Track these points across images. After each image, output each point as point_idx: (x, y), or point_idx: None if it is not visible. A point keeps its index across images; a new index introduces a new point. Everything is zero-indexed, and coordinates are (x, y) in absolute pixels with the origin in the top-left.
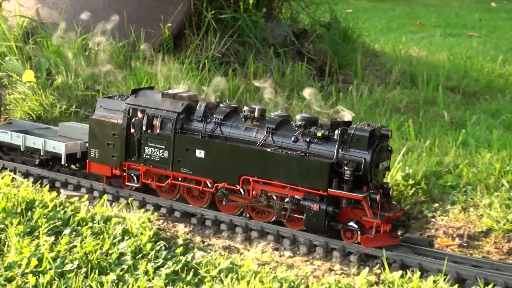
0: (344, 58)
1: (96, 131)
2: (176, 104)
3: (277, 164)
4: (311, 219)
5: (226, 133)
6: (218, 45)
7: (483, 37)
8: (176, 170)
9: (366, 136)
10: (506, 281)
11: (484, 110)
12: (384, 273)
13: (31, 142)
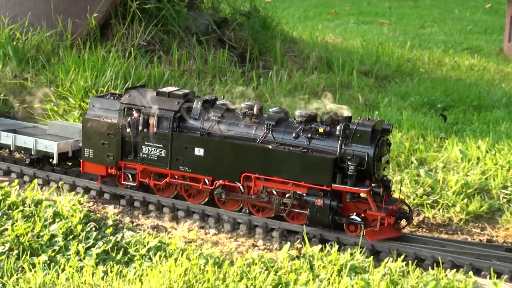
0: (264, 45)
1: (90, 131)
2: (172, 102)
3: (279, 161)
4: (315, 214)
5: (224, 131)
6: (143, 34)
7: (393, 24)
8: (175, 169)
9: (368, 131)
10: (416, 252)
11: (394, 93)
12: (304, 248)
13: (21, 141)
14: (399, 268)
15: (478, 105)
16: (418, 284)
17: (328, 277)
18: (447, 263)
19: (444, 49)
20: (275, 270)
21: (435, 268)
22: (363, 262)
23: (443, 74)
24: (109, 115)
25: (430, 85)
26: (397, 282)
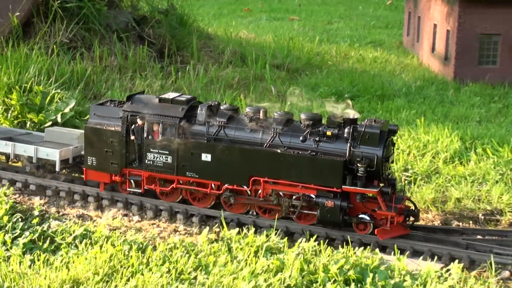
0: (181, 41)
1: (92, 139)
2: (176, 108)
3: (288, 164)
4: (325, 215)
5: (231, 136)
6: (66, 31)
7: (303, 20)
8: (181, 175)
9: (377, 133)
10: (327, 232)
11: (305, 84)
12: (223, 231)
13: (21, 150)
14: (311, 247)
15: (381, 94)
16: (329, 262)
17: (246, 258)
18: (356, 241)
19: (350, 43)
20: (195, 253)
21: (345, 246)
22: (278, 243)
23: (349, 66)
24: (111, 122)
25: (338, 76)
26: (310, 260)
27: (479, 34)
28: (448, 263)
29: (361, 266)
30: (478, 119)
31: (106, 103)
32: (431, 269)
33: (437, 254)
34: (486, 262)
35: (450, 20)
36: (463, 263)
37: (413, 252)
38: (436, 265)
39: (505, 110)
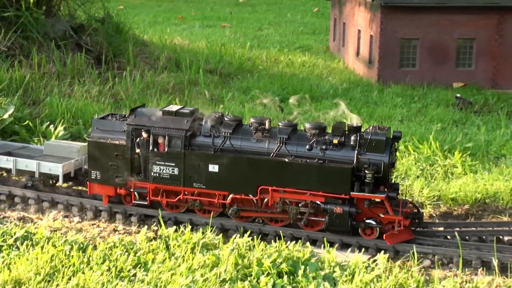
0: (118, 48)
1: (96, 153)
2: (181, 121)
3: (296, 172)
4: (334, 221)
5: (237, 146)
6: (4, 40)
7: (234, 27)
8: (188, 186)
9: (383, 140)
10: (260, 228)
11: (237, 88)
12: (160, 230)
13: (23, 165)
14: (245, 243)
15: (310, 96)
16: (263, 256)
17: (183, 255)
18: (288, 236)
19: (279, 48)
20: (134, 252)
21: (278, 241)
22: (214, 240)
23: (279, 70)
24: (115, 136)
25: (269, 80)
26: (244, 255)
27: (399, 39)
28: (375, 254)
29: (293, 259)
30: (400, 118)
31: (107, 117)
32: (359, 260)
33: (364, 246)
34: (409, 252)
35: (373, 26)
36: (389, 254)
37: (342, 245)
38: (363, 256)
39: (424, 109)
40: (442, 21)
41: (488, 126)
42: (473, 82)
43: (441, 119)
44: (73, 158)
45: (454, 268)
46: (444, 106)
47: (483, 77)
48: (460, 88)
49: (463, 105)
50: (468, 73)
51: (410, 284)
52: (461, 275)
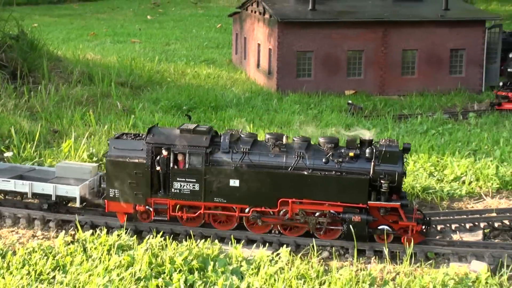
0: (32, 63)
1: (114, 171)
2: (200, 138)
3: (315, 184)
4: (353, 229)
5: (255, 161)
6: None
7: (143, 42)
8: (209, 201)
9: (396, 152)
10: (172, 228)
11: (147, 99)
12: (78, 233)
13: (39, 188)
14: (158, 243)
15: (215, 105)
16: (175, 254)
17: (100, 256)
18: (198, 234)
19: (186, 61)
20: (53, 255)
21: (188, 240)
22: (129, 241)
23: (186, 82)
24: (133, 155)
25: (177, 91)
26: (157, 254)
27: (296, 51)
28: (278, 248)
29: (203, 256)
30: (298, 123)
31: (122, 136)
32: (264, 254)
33: (268, 241)
34: (309, 245)
35: (271, 40)
36: (291, 247)
37: (248, 241)
38: (267, 250)
39: (320, 115)
40: (333, 35)
41: (377, 128)
42: (363, 90)
43: (335, 123)
44: (86, 179)
45: (350, 258)
46: (338, 112)
47: (372, 85)
48: (351, 95)
49: (355, 111)
50: (358, 82)
51: (310, 274)
52: (356, 264)
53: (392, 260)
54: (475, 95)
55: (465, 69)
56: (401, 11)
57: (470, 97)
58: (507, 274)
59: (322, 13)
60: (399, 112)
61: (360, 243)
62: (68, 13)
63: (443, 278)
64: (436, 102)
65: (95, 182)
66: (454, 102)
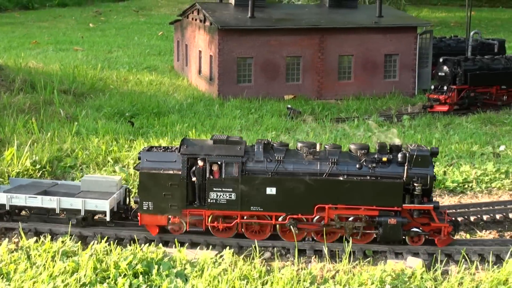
0: None
1: (148, 183)
2: (235, 148)
3: (351, 190)
4: (389, 232)
5: (289, 169)
6: None
7: (86, 50)
8: (246, 210)
9: (428, 156)
10: (116, 233)
11: (90, 106)
12: (22, 241)
13: (67, 204)
14: (103, 248)
15: (158, 112)
16: (120, 259)
17: (44, 263)
18: (142, 239)
19: (128, 69)
20: None
21: (133, 244)
22: (73, 247)
23: (129, 89)
24: (167, 166)
25: (119, 98)
26: (102, 259)
27: (236, 58)
28: (221, 250)
29: (147, 260)
30: (240, 128)
31: (152, 149)
32: (207, 256)
33: (212, 244)
34: (251, 246)
35: (212, 47)
36: (234, 249)
37: (192, 244)
38: (211, 252)
39: (261, 119)
40: (272, 42)
41: (316, 131)
42: (302, 94)
43: (275, 127)
44: (113, 192)
45: (291, 258)
46: (278, 116)
47: (310, 90)
48: (290, 99)
49: (294, 115)
50: (296, 87)
51: (253, 275)
52: (297, 264)
53: (331, 258)
54: (409, 98)
55: (398, 74)
56: (337, 18)
57: (404, 100)
58: (440, 269)
59: (261, 20)
60: (336, 116)
61: (301, 243)
62: (9, 22)
63: (380, 275)
64: (371, 106)
65: (121, 195)
66: (389, 105)
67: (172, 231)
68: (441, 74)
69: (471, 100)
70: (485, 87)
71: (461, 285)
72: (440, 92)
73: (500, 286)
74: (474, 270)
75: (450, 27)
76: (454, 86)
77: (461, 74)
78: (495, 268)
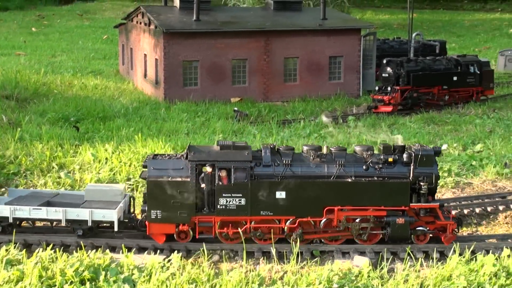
0: None
1: (156, 192)
2: (242, 153)
3: (359, 191)
4: (397, 231)
5: (297, 172)
6: None
7: (29, 55)
8: (255, 214)
9: (432, 155)
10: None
11: (34, 111)
12: None
13: (73, 214)
14: (49, 255)
15: (103, 116)
16: (66, 266)
17: None
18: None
19: (73, 73)
20: None
21: (79, 251)
22: (18, 255)
23: (73, 93)
24: (175, 174)
25: (64, 103)
26: (47, 267)
27: (182, 61)
28: (169, 254)
29: (94, 266)
30: (186, 131)
31: (157, 157)
32: (155, 261)
33: (159, 248)
34: (199, 249)
35: (157, 50)
36: (181, 253)
37: (139, 249)
38: (159, 257)
39: (207, 122)
40: (218, 45)
41: (262, 134)
42: (248, 97)
43: (222, 130)
44: (118, 201)
45: (239, 260)
46: (224, 119)
47: (256, 92)
48: (237, 102)
49: (241, 117)
50: (243, 89)
51: (202, 278)
52: (246, 266)
53: (279, 260)
54: (354, 99)
55: (343, 75)
56: (282, 21)
57: (349, 101)
58: (387, 267)
59: (206, 23)
60: (283, 118)
61: (249, 245)
62: None
63: (328, 274)
64: (317, 107)
65: (126, 204)
66: (335, 107)
67: (179, 239)
68: (385, 75)
69: (414, 100)
70: (428, 87)
71: (407, 282)
72: (384, 93)
73: (444, 282)
74: (419, 267)
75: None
76: (397, 87)
77: (404, 75)
78: (439, 264)
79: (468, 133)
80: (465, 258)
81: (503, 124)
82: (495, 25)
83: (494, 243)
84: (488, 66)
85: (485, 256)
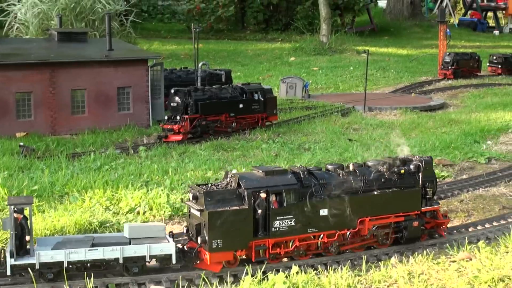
0: None
1: (217, 222)
2: (286, 177)
3: (385, 201)
4: (412, 233)
5: (331, 190)
6: None
7: None
8: (303, 233)
9: (431, 163)
10: None
11: None
12: None
13: (131, 251)
14: None
15: None
16: None
17: None
18: None
19: None
20: None
21: None
22: None
23: None
24: (233, 203)
25: None
26: None
27: None
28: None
29: None
30: None
31: (209, 187)
32: None
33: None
34: None
35: None
36: None
37: None
38: None
39: None
40: None
41: (51, 168)
42: (34, 131)
43: (7, 166)
44: (164, 236)
45: None
46: (10, 155)
47: (43, 126)
48: (23, 137)
49: (27, 152)
50: (29, 123)
51: None
52: None
53: None
54: (144, 130)
55: (132, 106)
56: (67, 52)
57: (139, 131)
58: None
59: None
60: (72, 151)
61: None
62: None
63: None
64: (107, 139)
65: (169, 238)
66: (125, 137)
67: (229, 265)
68: (173, 104)
69: (203, 128)
70: (215, 115)
71: None
72: (173, 122)
73: None
74: None
75: (180, 59)
76: (186, 115)
77: (192, 104)
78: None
79: (256, 158)
80: (257, 278)
81: (287, 148)
82: (277, 54)
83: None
84: (271, 93)
85: (276, 275)
